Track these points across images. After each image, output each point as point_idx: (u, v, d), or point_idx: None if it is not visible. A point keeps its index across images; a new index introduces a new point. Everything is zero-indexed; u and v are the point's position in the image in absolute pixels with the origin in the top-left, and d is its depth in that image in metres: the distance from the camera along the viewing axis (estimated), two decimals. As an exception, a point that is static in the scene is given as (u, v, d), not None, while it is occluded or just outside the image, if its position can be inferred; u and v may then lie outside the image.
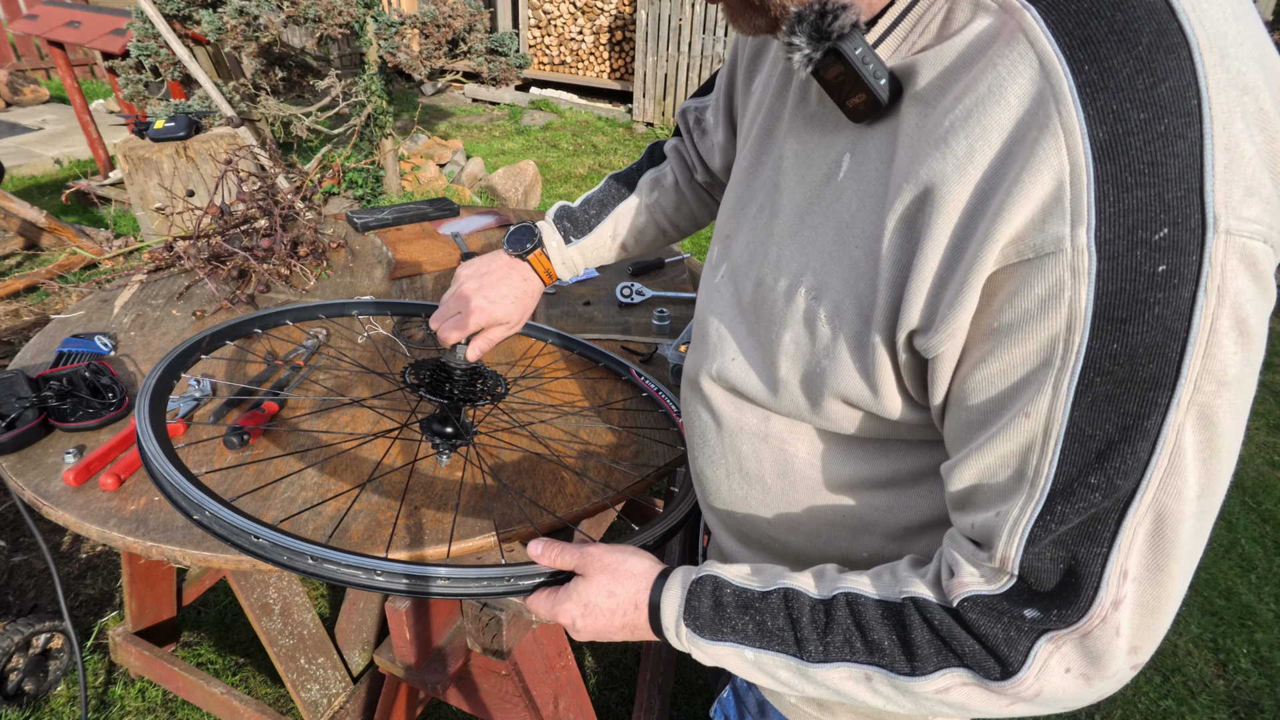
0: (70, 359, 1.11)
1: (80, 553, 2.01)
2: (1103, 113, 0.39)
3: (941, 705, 0.52)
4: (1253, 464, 2.71)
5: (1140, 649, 0.47)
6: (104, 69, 4.36)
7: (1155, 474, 0.42)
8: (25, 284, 3.15)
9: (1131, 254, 0.39)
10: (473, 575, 0.64)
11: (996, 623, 0.48)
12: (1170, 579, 0.45)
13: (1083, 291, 0.40)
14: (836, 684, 0.54)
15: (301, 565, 0.61)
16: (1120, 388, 0.41)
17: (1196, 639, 2.00)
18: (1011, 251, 0.42)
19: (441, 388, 0.88)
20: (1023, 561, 0.47)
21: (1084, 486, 0.44)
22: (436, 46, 4.39)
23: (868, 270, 0.51)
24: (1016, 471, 0.47)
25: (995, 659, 0.49)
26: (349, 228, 1.72)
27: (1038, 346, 0.43)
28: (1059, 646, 0.47)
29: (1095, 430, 0.43)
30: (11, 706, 1.56)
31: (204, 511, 0.62)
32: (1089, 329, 0.41)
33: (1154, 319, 0.40)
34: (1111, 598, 0.45)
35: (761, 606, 0.57)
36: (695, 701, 1.75)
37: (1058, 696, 0.48)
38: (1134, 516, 0.43)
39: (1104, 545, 0.44)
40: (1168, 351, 0.40)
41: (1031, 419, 0.44)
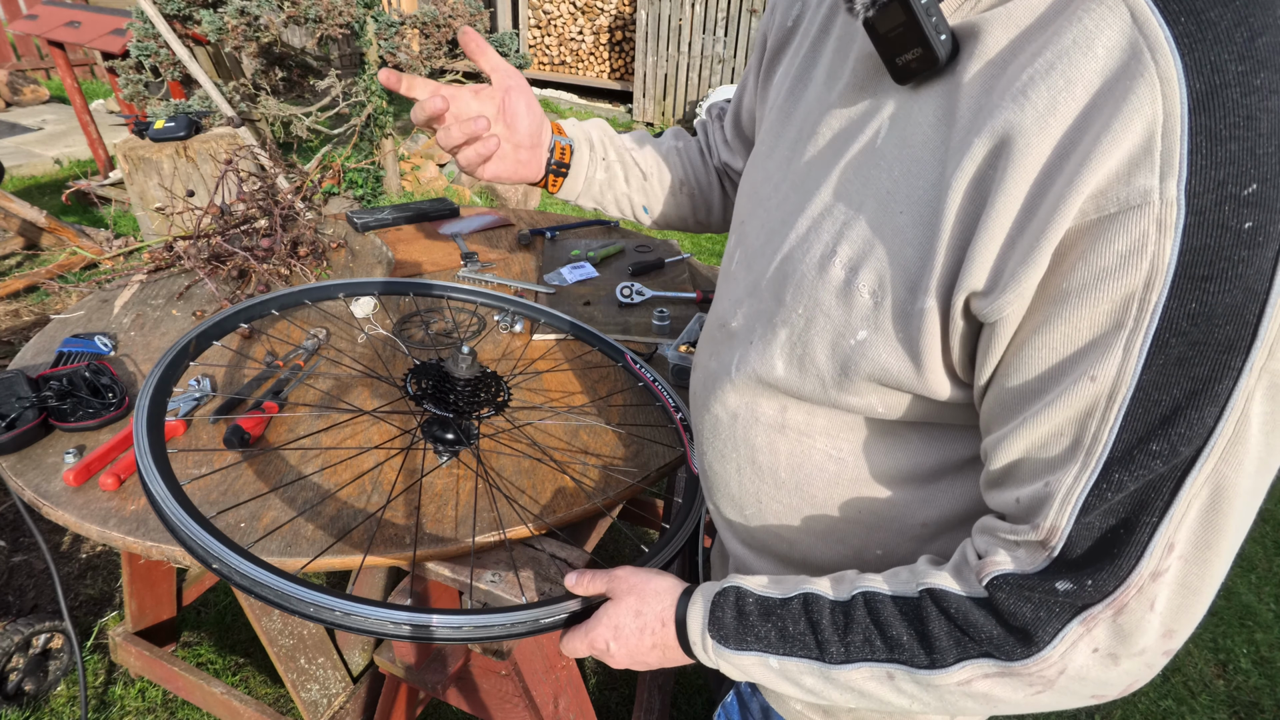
0: (70, 359, 1.11)
1: (80, 553, 2.01)
2: (1200, 63, 0.38)
3: (966, 699, 0.50)
4: (1253, 464, 2.71)
5: (1176, 633, 0.45)
6: (104, 69, 4.36)
7: (1219, 442, 0.41)
8: (25, 284, 3.15)
9: (1220, 209, 0.38)
10: (499, 621, 0.65)
11: (1027, 602, 0.47)
12: (1217, 558, 0.43)
13: (1167, 246, 0.39)
14: (861, 685, 0.53)
15: (329, 618, 0.61)
16: (1194, 350, 0.40)
17: (1196, 639, 2.00)
18: (1091, 207, 0.41)
19: (445, 398, 0.89)
20: (1074, 529, 0.45)
21: (1144, 453, 0.42)
22: (436, 46, 4.39)
23: (915, 236, 0.49)
24: (1073, 440, 0.44)
25: (1019, 638, 0.47)
26: (349, 228, 1.72)
27: (1110, 307, 0.41)
28: (1091, 629, 0.45)
29: (1163, 395, 0.41)
30: (11, 706, 1.56)
31: (222, 562, 0.63)
32: (1169, 287, 0.39)
33: (1236, 278, 0.39)
34: (1152, 569, 0.43)
35: (783, 613, 0.57)
36: (695, 701, 1.75)
37: (1081, 677, 0.46)
38: (1191, 487, 0.42)
39: (1156, 514, 0.43)
40: (1246, 313, 0.39)
41: (1097, 383, 0.42)
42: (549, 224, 1.82)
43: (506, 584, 0.81)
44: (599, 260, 1.60)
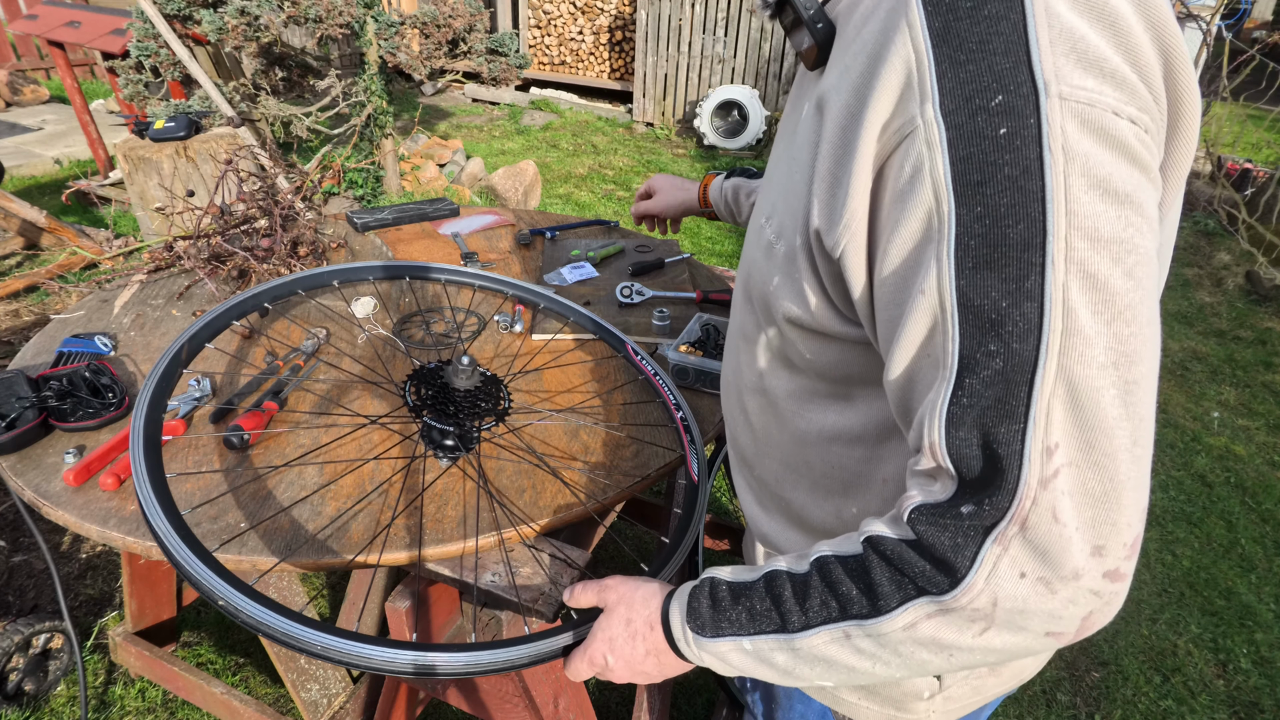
0: (70, 359, 1.11)
1: (80, 553, 2.01)
2: (937, 6, 0.46)
3: (919, 649, 0.50)
4: (1253, 464, 2.71)
5: (1105, 549, 0.44)
6: (104, 69, 4.36)
7: (1052, 336, 0.43)
8: (25, 284, 3.15)
9: (974, 121, 0.44)
10: (501, 657, 0.67)
11: (943, 531, 0.48)
12: (1110, 460, 0.43)
13: (939, 160, 0.45)
14: (823, 650, 0.54)
15: (337, 657, 0.62)
16: (995, 251, 0.44)
17: (1196, 639, 2.00)
18: (885, 142, 0.48)
19: (445, 408, 0.89)
20: (948, 447, 0.47)
21: (984, 354, 0.45)
22: (436, 46, 4.39)
23: (800, 190, 0.57)
24: (932, 359, 0.48)
25: (943, 570, 0.48)
26: (349, 228, 1.72)
27: (918, 224, 0.47)
28: (1006, 548, 0.45)
29: (983, 299, 0.44)
30: (11, 706, 1.56)
31: (229, 602, 0.63)
32: (953, 196, 0.45)
33: (1006, 179, 0.43)
34: (1037, 476, 0.44)
35: (750, 593, 0.59)
36: (695, 701, 1.75)
37: (1019, 606, 0.46)
38: (1043, 385, 0.43)
39: (1020, 420, 0.44)
40: (1030, 211, 0.43)
41: (927, 295, 0.46)
42: (549, 224, 1.82)
43: (512, 584, 0.81)
44: (599, 260, 1.60)
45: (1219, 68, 4.93)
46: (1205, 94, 5.09)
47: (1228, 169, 5.02)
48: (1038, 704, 1.80)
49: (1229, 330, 3.67)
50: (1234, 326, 3.70)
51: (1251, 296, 4.00)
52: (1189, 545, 2.32)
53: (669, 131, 6.76)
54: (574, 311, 1.25)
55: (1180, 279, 4.20)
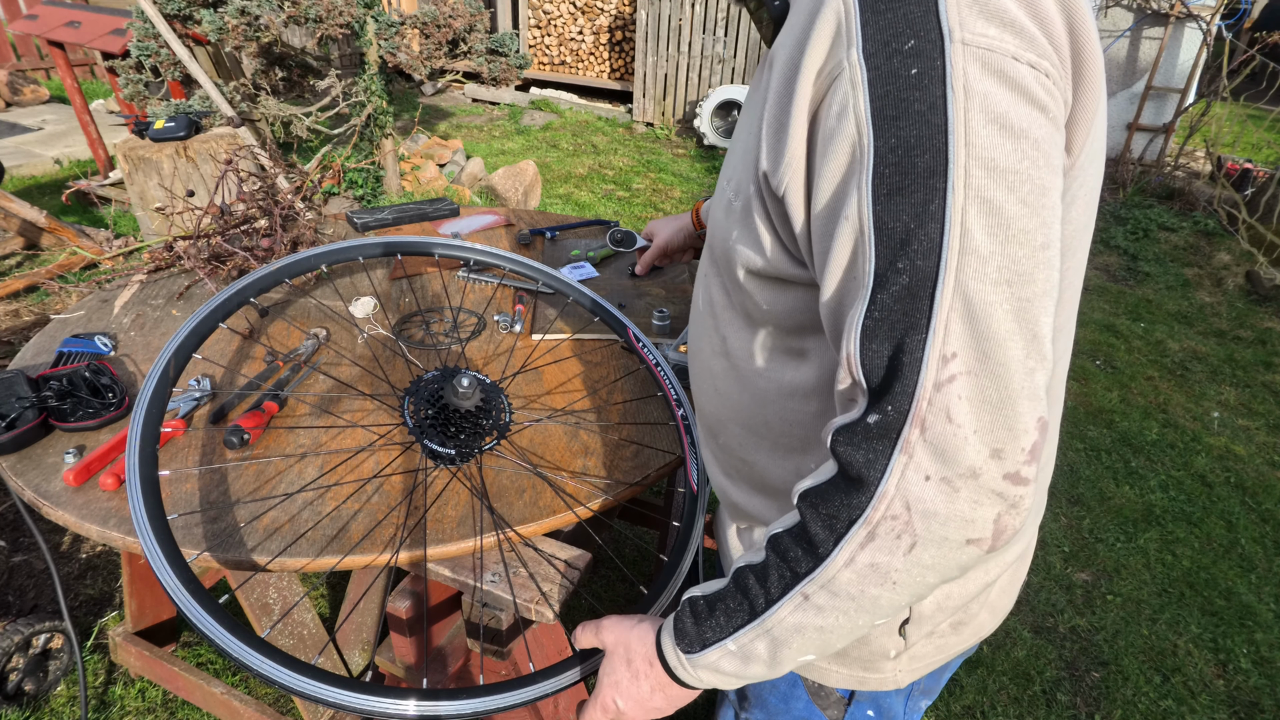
0: (70, 359, 1.11)
1: (80, 553, 2.01)
2: None
3: (865, 585, 0.53)
4: (1253, 464, 2.71)
5: (1003, 451, 0.48)
6: (104, 69, 4.35)
7: (950, 254, 0.47)
8: (25, 284, 3.15)
9: (890, 62, 0.49)
10: (504, 701, 0.67)
11: (857, 448, 0.52)
12: (1005, 369, 0.47)
13: (861, 98, 0.50)
14: (791, 622, 0.57)
15: (334, 699, 0.63)
16: (906, 179, 0.48)
17: (1196, 639, 2.00)
18: (819, 86, 0.52)
19: (445, 428, 0.89)
20: (861, 359, 0.51)
21: (894, 272, 0.49)
22: (437, 46, 4.38)
23: (753, 142, 0.60)
24: (855, 280, 0.52)
25: (859, 488, 0.51)
26: (349, 228, 1.72)
27: (845, 158, 0.51)
28: (911, 455, 0.49)
29: (895, 221, 0.49)
30: (11, 706, 1.56)
31: (238, 658, 0.64)
32: (872, 129, 0.49)
33: (916, 115, 0.48)
34: (933, 379, 0.48)
35: (723, 596, 0.62)
36: (695, 701, 1.75)
37: (930, 509, 0.49)
38: (942, 298, 0.48)
39: (922, 331, 0.48)
40: (934, 142, 0.48)
41: (850, 220, 0.51)
42: (549, 224, 1.82)
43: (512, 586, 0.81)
44: (599, 260, 1.60)
45: (1219, 68, 4.92)
46: (1205, 94, 5.09)
47: (1228, 169, 5.02)
48: (1038, 704, 1.80)
49: (1229, 330, 3.67)
50: (1234, 326, 3.70)
51: (1251, 296, 4.00)
52: (1189, 545, 2.32)
53: (669, 131, 6.76)
54: (573, 289, 1.25)
55: (1180, 279, 4.20)
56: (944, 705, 1.78)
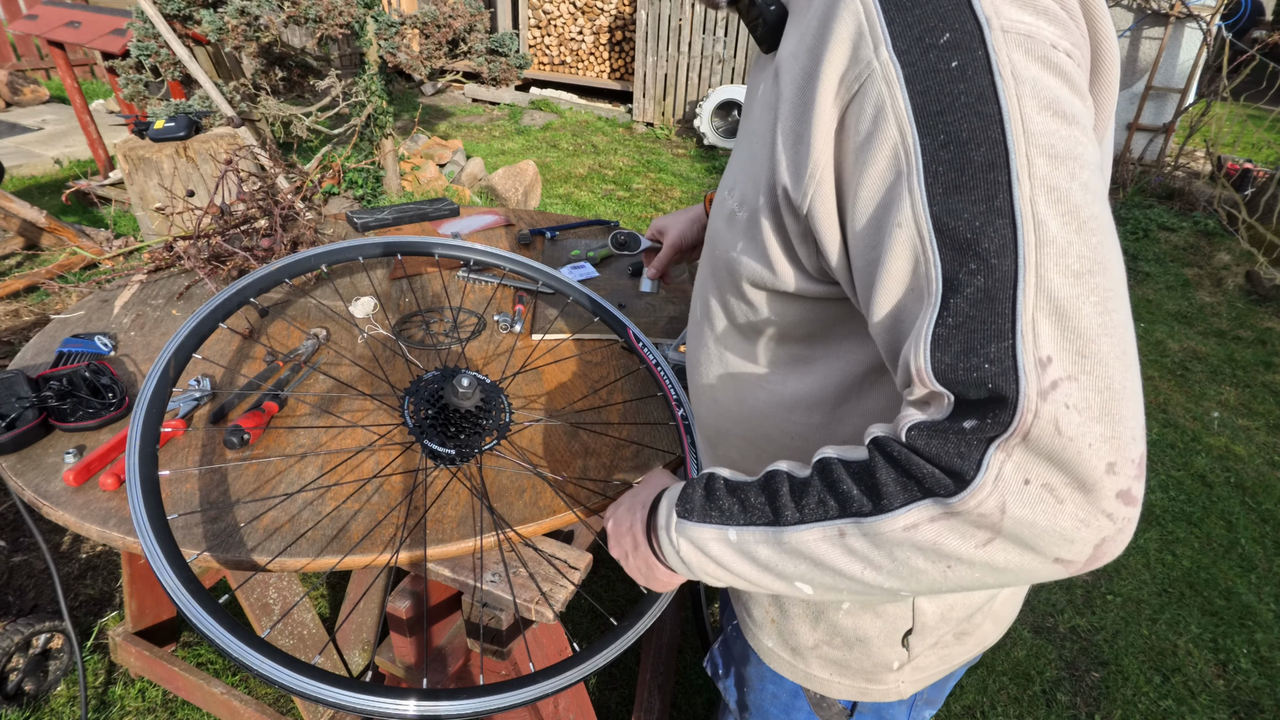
0: (70, 359, 1.11)
1: (80, 553, 2.01)
2: None
3: (915, 553, 0.49)
4: (1253, 464, 2.70)
5: (1117, 465, 0.43)
6: (104, 69, 4.35)
7: (1028, 249, 0.44)
8: (25, 284, 3.15)
9: (926, 57, 0.47)
10: (504, 701, 0.67)
11: (945, 441, 0.47)
12: (1104, 369, 0.43)
13: (899, 96, 0.47)
14: (812, 548, 0.54)
15: (336, 699, 0.63)
16: (963, 175, 0.46)
17: (1196, 639, 2.00)
18: (844, 91, 0.50)
19: (446, 429, 0.89)
20: (934, 370, 0.47)
21: (966, 274, 0.46)
22: (437, 46, 4.38)
23: (760, 156, 0.59)
24: (915, 288, 0.49)
25: (950, 475, 0.47)
26: (349, 228, 1.72)
27: (887, 161, 0.48)
28: (1009, 454, 0.44)
29: (957, 221, 0.46)
30: (11, 706, 1.56)
31: (244, 660, 0.64)
32: (915, 127, 0.47)
33: (964, 106, 0.46)
34: (1035, 388, 0.43)
35: (747, 489, 0.61)
36: (695, 701, 1.75)
37: (1029, 518, 0.45)
38: (1026, 298, 0.44)
39: (1008, 336, 0.44)
40: (990, 134, 0.45)
41: (904, 227, 0.48)
42: (549, 224, 1.82)
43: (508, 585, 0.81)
44: (599, 260, 1.60)
45: (1219, 68, 4.92)
46: (1205, 94, 5.09)
47: (1228, 169, 5.02)
48: (1038, 704, 1.80)
49: (1229, 330, 3.67)
50: (1234, 326, 3.70)
51: (1251, 296, 3.99)
52: (1189, 545, 2.32)
53: (669, 131, 6.76)
54: (573, 289, 1.25)
55: (1180, 279, 4.20)
56: (944, 705, 1.78)
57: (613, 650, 0.74)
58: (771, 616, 0.83)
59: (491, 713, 0.66)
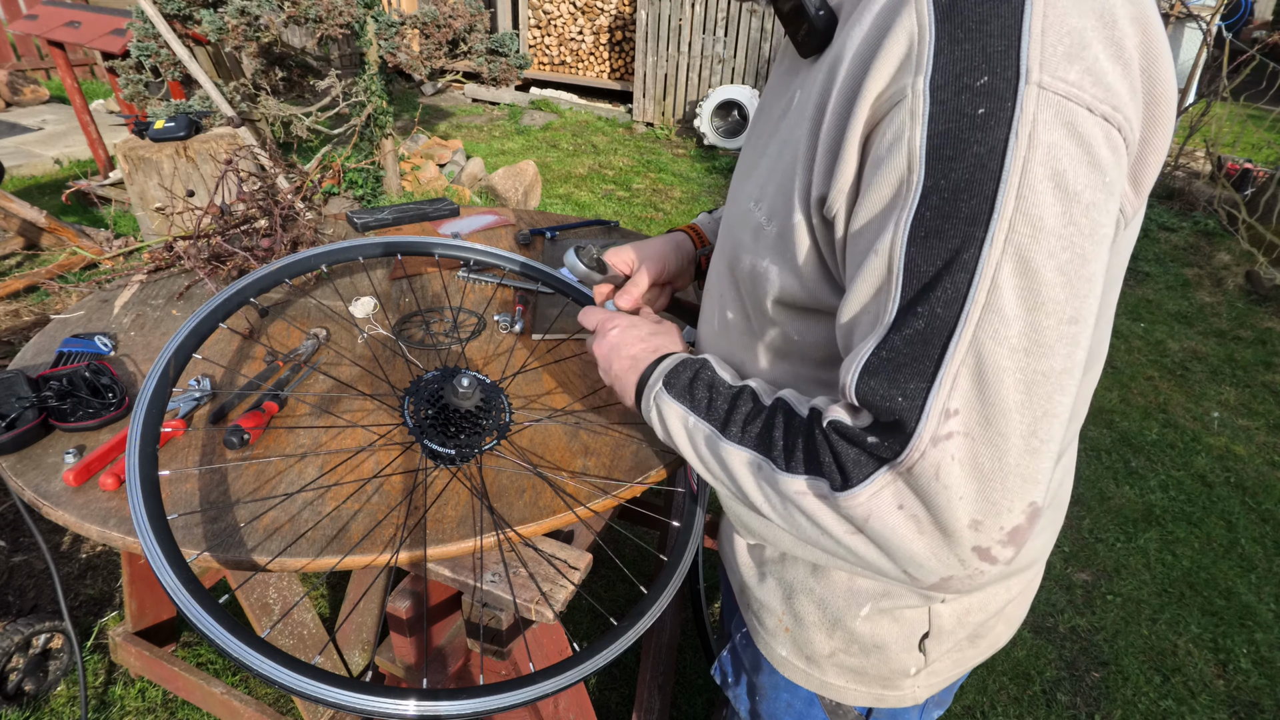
0: (70, 359, 1.11)
1: (80, 553, 2.01)
2: None
3: (799, 515, 0.56)
4: (1253, 464, 2.70)
5: (983, 525, 0.47)
6: (104, 69, 4.35)
7: (973, 308, 0.45)
8: (25, 284, 3.15)
9: (957, 98, 0.45)
10: (504, 701, 0.67)
11: (849, 446, 0.52)
12: (1003, 441, 0.46)
13: (918, 132, 0.46)
14: (734, 463, 0.62)
15: (336, 699, 0.63)
16: (946, 222, 0.46)
17: (1196, 639, 2.00)
18: (877, 108, 0.49)
19: (446, 428, 0.89)
20: (857, 390, 0.50)
21: (912, 315, 0.47)
22: (437, 46, 4.38)
23: (798, 166, 0.58)
24: (873, 313, 0.51)
25: (841, 473, 0.52)
26: (349, 228, 1.72)
27: (889, 190, 0.48)
28: (894, 479, 0.49)
29: (926, 265, 0.47)
30: (11, 706, 1.56)
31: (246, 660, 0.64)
32: (924, 167, 0.46)
33: (973, 157, 0.45)
34: (931, 433, 0.47)
35: (722, 391, 0.67)
36: (695, 701, 1.75)
37: (889, 533, 0.50)
38: (955, 351, 0.46)
39: (927, 380, 0.47)
40: (984, 188, 0.44)
41: (879, 255, 0.49)
42: (549, 224, 1.82)
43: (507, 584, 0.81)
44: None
45: (1219, 68, 4.92)
46: (1205, 94, 5.09)
47: (1228, 169, 5.02)
48: (1038, 704, 1.80)
49: (1229, 330, 3.67)
50: (1234, 326, 3.70)
51: (1251, 296, 3.99)
52: (1189, 545, 2.32)
53: (669, 131, 6.76)
54: (573, 289, 1.25)
55: (1180, 279, 4.20)
56: (944, 705, 1.78)
57: (613, 650, 0.74)
58: (785, 625, 0.82)
59: (491, 713, 0.66)
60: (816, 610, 0.78)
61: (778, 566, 0.81)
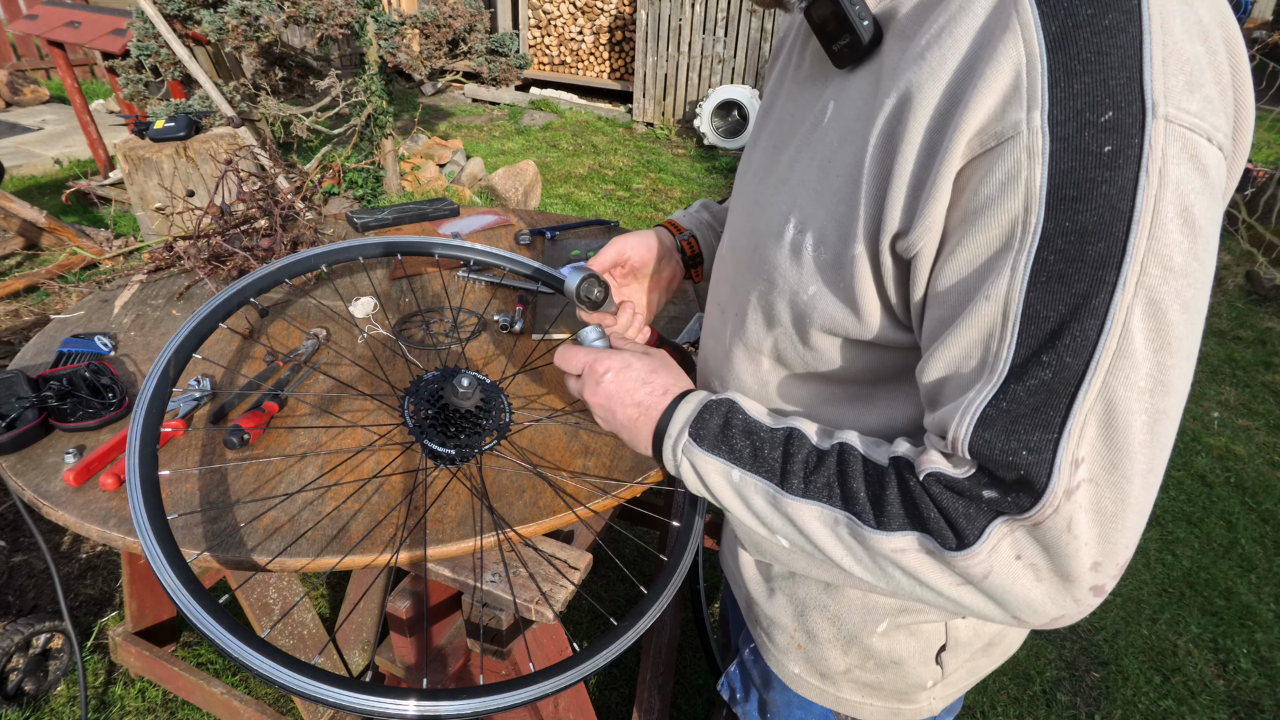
0: (70, 359, 1.11)
1: (80, 553, 2.01)
2: (1054, 9, 0.43)
3: (895, 570, 0.53)
4: (1253, 464, 2.71)
5: (1102, 565, 0.46)
6: (104, 69, 4.35)
7: (1104, 355, 0.43)
8: (25, 284, 3.15)
9: (1081, 135, 0.42)
10: (504, 701, 0.67)
11: (957, 500, 0.50)
12: (1128, 482, 0.45)
13: (1037, 171, 0.43)
14: (805, 521, 0.57)
15: (337, 699, 0.63)
16: (1072, 266, 0.43)
17: (1196, 639, 2.00)
18: (977, 143, 0.46)
19: (446, 428, 0.89)
20: (972, 444, 0.48)
21: (1037, 365, 0.45)
22: (437, 46, 4.39)
23: (848, 194, 0.55)
24: (980, 360, 0.48)
25: (953, 530, 0.50)
26: (349, 228, 1.72)
27: (999, 231, 0.46)
28: (1012, 530, 0.48)
29: (1049, 310, 0.44)
30: (11, 706, 1.56)
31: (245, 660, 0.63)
32: (1044, 208, 0.44)
33: (1101, 197, 0.42)
34: (1064, 486, 0.45)
35: (765, 437, 0.61)
36: (695, 701, 1.75)
37: (1006, 585, 0.49)
38: (1084, 400, 0.44)
39: (1055, 431, 0.45)
40: (1114, 230, 0.42)
41: (992, 301, 0.46)
42: (549, 224, 1.82)
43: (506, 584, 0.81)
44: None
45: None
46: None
47: (1228, 169, 5.01)
48: (1038, 704, 1.80)
49: (1229, 330, 3.67)
50: (1234, 326, 3.70)
51: (1251, 296, 3.99)
52: (1189, 545, 2.33)
53: (669, 131, 6.76)
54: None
55: (1180, 279, 4.20)
56: (944, 705, 1.78)
57: (613, 650, 0.74)
58: (798, 642, 0.80)
59: (491, 713, 0.66)
60: (831, 627, 0.76)
61: (788, 583, 0.79)
